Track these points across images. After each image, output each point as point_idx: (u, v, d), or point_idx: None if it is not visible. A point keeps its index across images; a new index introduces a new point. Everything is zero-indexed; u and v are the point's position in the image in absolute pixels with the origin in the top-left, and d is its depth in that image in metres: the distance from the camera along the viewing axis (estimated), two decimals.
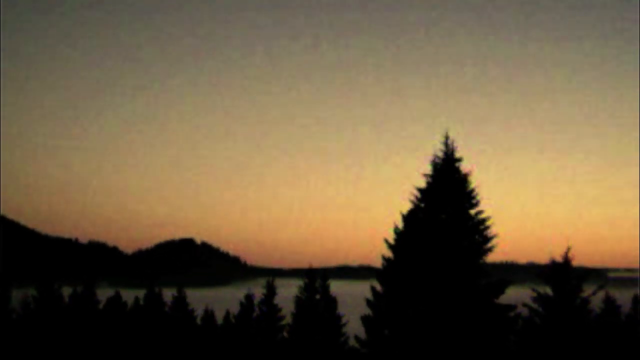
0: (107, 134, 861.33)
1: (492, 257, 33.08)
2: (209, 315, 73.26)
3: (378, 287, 33.87)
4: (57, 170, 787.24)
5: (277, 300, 57.29)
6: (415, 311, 31.70)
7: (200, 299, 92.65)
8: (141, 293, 78.05)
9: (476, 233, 32.57)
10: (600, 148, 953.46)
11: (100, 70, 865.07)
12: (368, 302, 34.04)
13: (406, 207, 33.66)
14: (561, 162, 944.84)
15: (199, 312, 74.63)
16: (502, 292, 32.54)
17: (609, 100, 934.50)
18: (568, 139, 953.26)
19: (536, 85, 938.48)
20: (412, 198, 33.47)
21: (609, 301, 53.69)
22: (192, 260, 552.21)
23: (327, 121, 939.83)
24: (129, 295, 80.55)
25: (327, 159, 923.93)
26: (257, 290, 58.98)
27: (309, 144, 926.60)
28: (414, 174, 33.94)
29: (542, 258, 35.73)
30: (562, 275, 34.25)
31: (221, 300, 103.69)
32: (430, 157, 33.50)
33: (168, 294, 76.33)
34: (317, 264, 60.76)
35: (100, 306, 74.59)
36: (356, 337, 35.06)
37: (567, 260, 34.43)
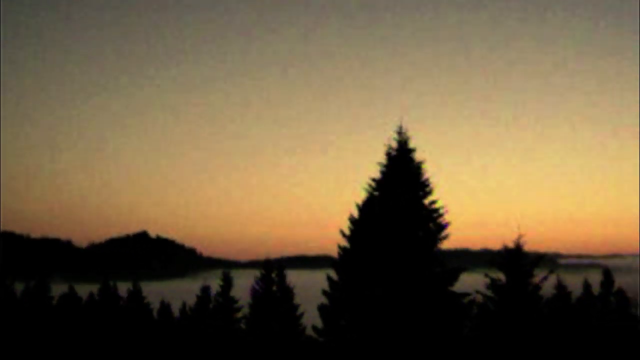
0: (58, 129, 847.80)
1: (446, 245, 33.46)
2: (165, 308, 72.84)
3: (334, 276, 33.99)
4: (6, 165, 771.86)
5: (234, 291, 57.12)
6: (371, 300, 31.93)
7: (156, 292, 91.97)
8: (96, 287, 77.16)
9: (430, 221, 32.91)
10: (551, 136, 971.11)
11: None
12: (324, 291, 34.17)
13: (362, 196, 33.88)
14: (513, 150, 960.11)
15: (155, 305, 74.09)
16: (456, 279, 32.94)
17: (555, 89, 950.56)
18: (519, 128, 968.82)
19: (487, 76, 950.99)
20: (368, 188, 33.66)
21: (560, 286, 54.87)
22: (147, 253, 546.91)
23: (282, 113, 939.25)
24: (83, 290, 79.60)
25: (284, 149, 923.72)
26: (214, 282, 58.71)
27: (264, 134, 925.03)
28: (370, 164, 34.14)
29: (496, 245, 36.31)
30: (514, 261, 34.82)
31: (177, 292, 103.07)
32: (385, 148, 33.74)
33: (123, 288, 75.61)
34: (273, 254, 60.56)
35: (54, 301, 73.59)
36: (313, 327, 35.14)
37: (518, 247, 35.02)
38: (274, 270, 53.90)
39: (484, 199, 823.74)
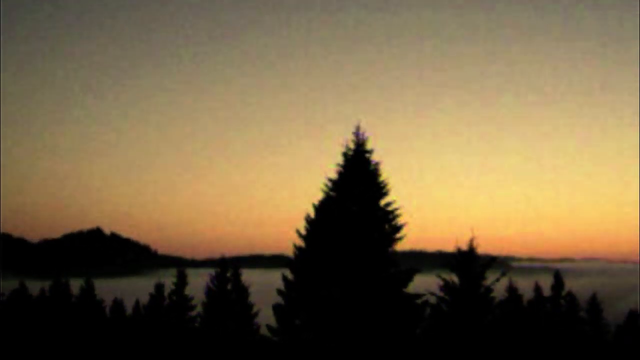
0: (8, 124, 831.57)
1: (401, 246, 33.65)
2: (117, 305, 71.99)
3: (290, 276, 34.01)
4: None
5: (189, 290, 56.84)
6: (326, 300, 32.05)
7: (109, 289, 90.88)
8: (47, 284, 75.96)
9: (386, 223, 33.11)
10: (506, 140, 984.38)
11: None
12: (279, 291, 34.17)
13: (318, 197, 33.98)
14: (468, 154, 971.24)
15: (108, 302, 73.22)
16: (410, 280, 33.18)
17: (511, 92, 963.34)
18: (475, 131, 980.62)
19: (443, 77, 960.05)
20: (324, 188, 33.76)
21: (511, 289, 55.78)
22: (101, 250, 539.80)
23: (239, 112, 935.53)
24: (34, 286, 78.27)
25: (241, 148, 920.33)
26: (168, 280, 58.35)
27: (221, 133, 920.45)
28: (327, 165, 34.27)
29: (450, 247, 36.74)
30: (467, 264, 35.30)
31: (131, 290, 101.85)
32: (342, 148, 33.89)
33: (76, 284, 74.57)
34: (229, 253, 60.55)
35: (4, 297, 72.28)
36: (268, 326, 35.10)
37: (472, 249, 35.51)
38: (229, 269, 53.81)
39: (440, 201, 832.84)
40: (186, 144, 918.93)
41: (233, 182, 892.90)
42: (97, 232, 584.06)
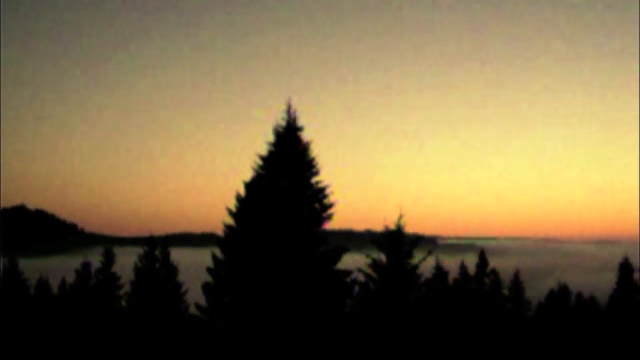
0: None
1: (330, 225, 34.01)
2: (43, 284, 70.49)
3: (219, 254, 33.94)
4: None
5: (117, 268, 56.09)
6: (255, 278, 32.15)
7: (34, 268, 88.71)
8: None
9: (315, 201, 33.35)
10: (433, 120, 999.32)
11: None
12: (209, 269, 34.08)
13: (249, 174, 33.90)
14: (397, 133, 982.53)
15: (33, 282, 71.63)
16: (339, 258, 33.57)
17: (437, 72, 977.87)
18: (403, 111, 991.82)
19: (373, 55, 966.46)
20: (255, 166, 33.71)
21: (438, 267, 56.90)
22: (25, 228, 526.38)
23: (170, 88, 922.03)
24: None
25: (170, 125, 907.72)
26: (95, 258, 57.40)
27: (151, 109, 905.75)
28: (258, 142, 34.18)
29: (378, 226, 37.23)
30: (394, 242, 35.88)
31: (57, 269, 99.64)
32: (273, 126, 33.87)
33: None
34: (158, 231, 59.75)
35: None
36: (196, 305, 35.02)
37: (399, 228, 36.10)
38: (157, 248, 53.31)
39: (369, 181, 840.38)
40: (114, 120, 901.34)
41: (162, 159, 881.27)
42: (21, 209, 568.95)
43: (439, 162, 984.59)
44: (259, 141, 34.19)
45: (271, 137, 33.68)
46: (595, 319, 64.37)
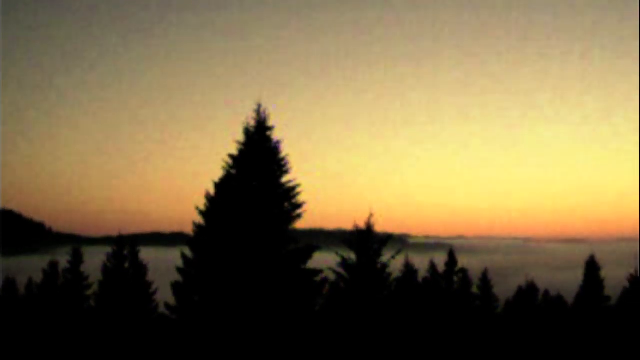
0: None
1: (300, 224, 33.99)
2: (9, 284, 69.58)
3: (189, 253, 33.81)
4: None
5: (85, 268, 55.59)
6: (225, 277, 32.07)
7: (0, 268, 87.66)
8: None
9: (285, 200, 33.32)
10: (402, 121, 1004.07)
11: None
12: (178, 268, 33.93)
13: (219, 174, 33.78)
14: (367, 133, 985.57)
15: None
16: (309, 257, 33.58)
17: (401, 71, 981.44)
18: (373, 111, 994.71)
19: (344, 55, 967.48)
20: (225, 165, 33.60)
21: (408, 265, 57.27)
22: None
23: (140, 87, 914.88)
24: None
25: (141, 124, 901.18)
26: (63, 258, 56.81)
27: (121, 108, 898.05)
28: (228, 142, 34.09)
29: (349, 225, 37.38)
30: (364, 241, 36.05)
31: (24, 269, 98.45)
32: (243, 125, 33.78)
33: None
34: (127, 230, 59.39)
35: None
36: (166, 304, 34.84)
37: (369, 227, 36.27)
38: (126, 247, 52.94)
39: (339, 180, 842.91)
40: (82, 120, 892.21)
41: (131, 158, 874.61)
42: None
43: (409, 162, 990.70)
44: (229, 140, 34.06)
45: (241, 137, 33.62)
46: (562, 316, 65.23)
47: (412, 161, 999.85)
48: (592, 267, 65.68)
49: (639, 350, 53.06)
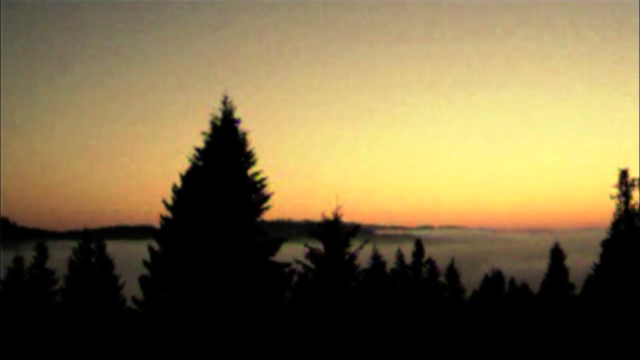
0: None
1: (268, 216, 33.99)
2: None
3: (156, 247, 33.59)
4: None
5: (50, 263, 54.83)
6: (193, 270, 31.93)
7: None
8: None
9: (253, 192, 33.25)
10: (368, 112, 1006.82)
11: None
12: (146, 262, 33.70)
13: (186, 166, 33.57)
14: (333, 124, 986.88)
15: None
16: (277, 249, 33.59)
17: (378, 61, 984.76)
18: (340, 101, 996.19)
19: (309, 47, 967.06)
20: (192, 158, 33.41)
21: (376, 256, 57.50)
22: None
23: (104, 78, 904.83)
24: None
25: (106, 115, 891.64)
26: (28, 253, 56.00)
27: (85, 99, 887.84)
28: (195, 134, 33.86)
29: (316, 216, 37.43)
30: (332, 232, 36.12)
31: None
32: (210, 117, 33.58)
33: None
34: (93, 224, 58.86)
35: None
36: (133, 299, 34.60)
37: (337, 218, 36.34)
38: (93, 241, 52.43)
39: (307, 171, 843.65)
40: (45, 112, 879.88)
41: (96, 151, 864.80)
42: None
43: (376, 152, 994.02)
44: (196, 132, 33.85)
45: (208, 128, 33.43)
46: (527, 304, 66.06)
47: (380, 152, 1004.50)
48: (557, 255, 66.56)
49: (603, 336, 53.96)
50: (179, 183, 33.42)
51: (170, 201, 33.37)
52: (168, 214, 33.47)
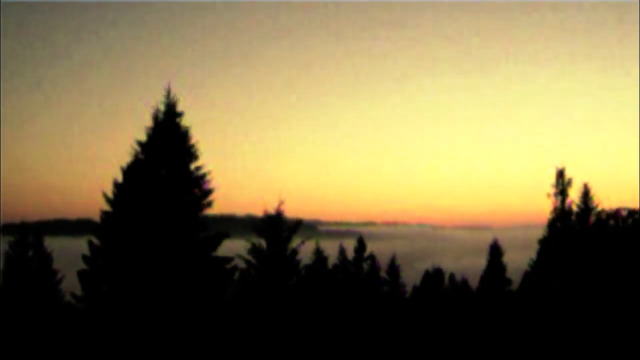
0: None
1: (212, 210, 33.83)
2: None
3: (96, 241, 33.18)
4: None
5: None
6: (133, 265, 31.65)
7: None
8: None
9: (195, 187, 33.07)
10: (312, 107, 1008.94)
11: None
12: (85, 257, 33.26)
13: (127, 160, 33.17)
14: (276, 118, 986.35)
15: None
16: (219, 244, 33.49)
17: (323, 56, 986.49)
18: (286, 96, 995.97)
19: (254, 40, 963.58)
20: (133, 151, 33.06)
21: (318, 252, 57.79)
22: None
23: (46, 68, 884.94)
24: None
25: (46, 106, 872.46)
26: None
27: (24, 87, 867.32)
28: (137, 127, 33.41)
29: (259, 211, 37.43)
30: (274, 227, 36.19)
31: None
32: (152, 110, 33.24)
33: None
34: (30, 218, 57.69)
35: None
36: (72, 294, 34.13)
37: (279, 213, 36.42)
38: (30, 235, 51.48)
39: (250, 166, 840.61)
40: None
41: (35, 141, 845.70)
42: None
43: (319, 148, 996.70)
44: (138, 126, 33.44)
45: (150, 122, 33.10)
46: (466, 299, 67.30)
47: (323, 147, 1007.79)
48: (495, 251, 68.08)
49: (537, 330, 55.28)
50: (120, 177, 33.06)
51: (110, 195, 32.97)
52: (109, 208, 33.07)
